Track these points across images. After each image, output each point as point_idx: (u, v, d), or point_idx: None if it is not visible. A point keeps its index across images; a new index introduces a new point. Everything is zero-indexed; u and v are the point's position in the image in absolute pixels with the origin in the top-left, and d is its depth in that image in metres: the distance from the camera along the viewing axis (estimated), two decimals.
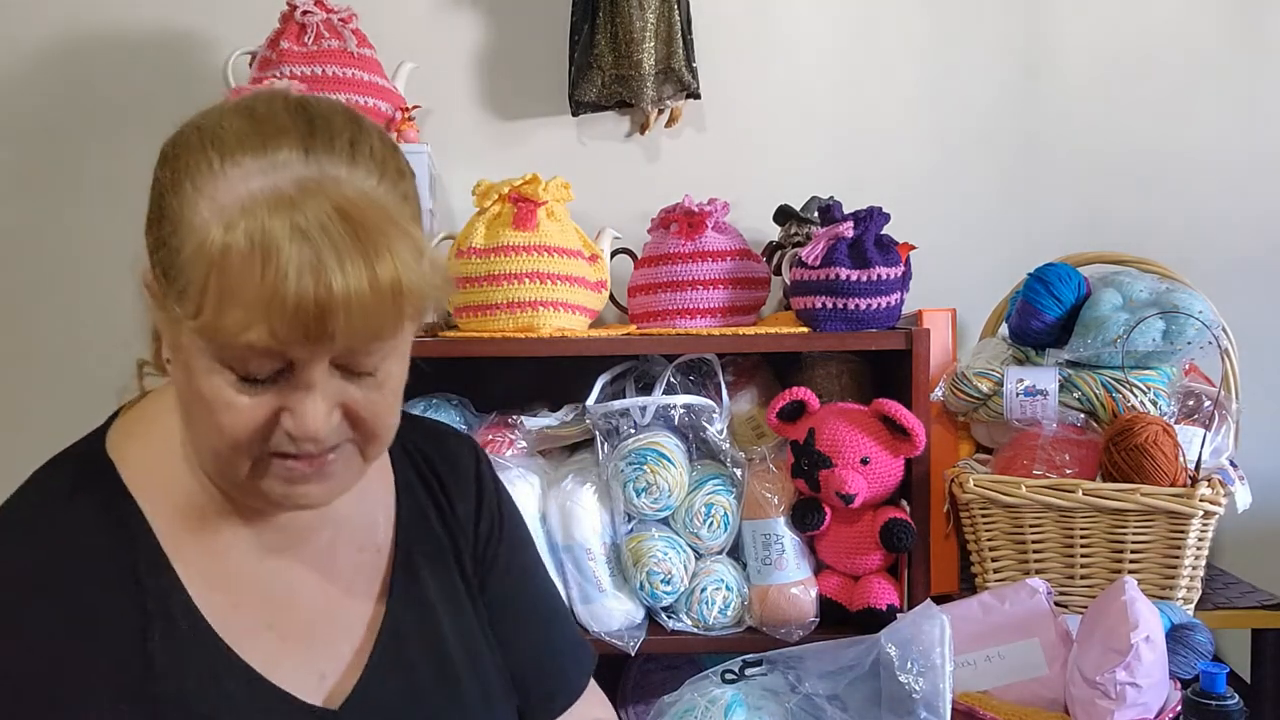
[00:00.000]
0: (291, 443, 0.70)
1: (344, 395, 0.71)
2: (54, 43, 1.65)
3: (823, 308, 1.35)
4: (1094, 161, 1.70)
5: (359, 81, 1.41)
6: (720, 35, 1.66)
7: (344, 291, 0.65)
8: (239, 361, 0.67)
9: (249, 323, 0.65)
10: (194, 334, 0.67)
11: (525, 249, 1.34)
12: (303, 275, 0.64)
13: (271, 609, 0.79)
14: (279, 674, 0.78)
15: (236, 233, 0.64)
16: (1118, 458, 1.24)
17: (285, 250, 0.64)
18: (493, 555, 0.94)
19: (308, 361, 0.68)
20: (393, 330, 0.70)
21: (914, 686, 1.09)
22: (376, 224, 0.67)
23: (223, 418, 0.69)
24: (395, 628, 0.84)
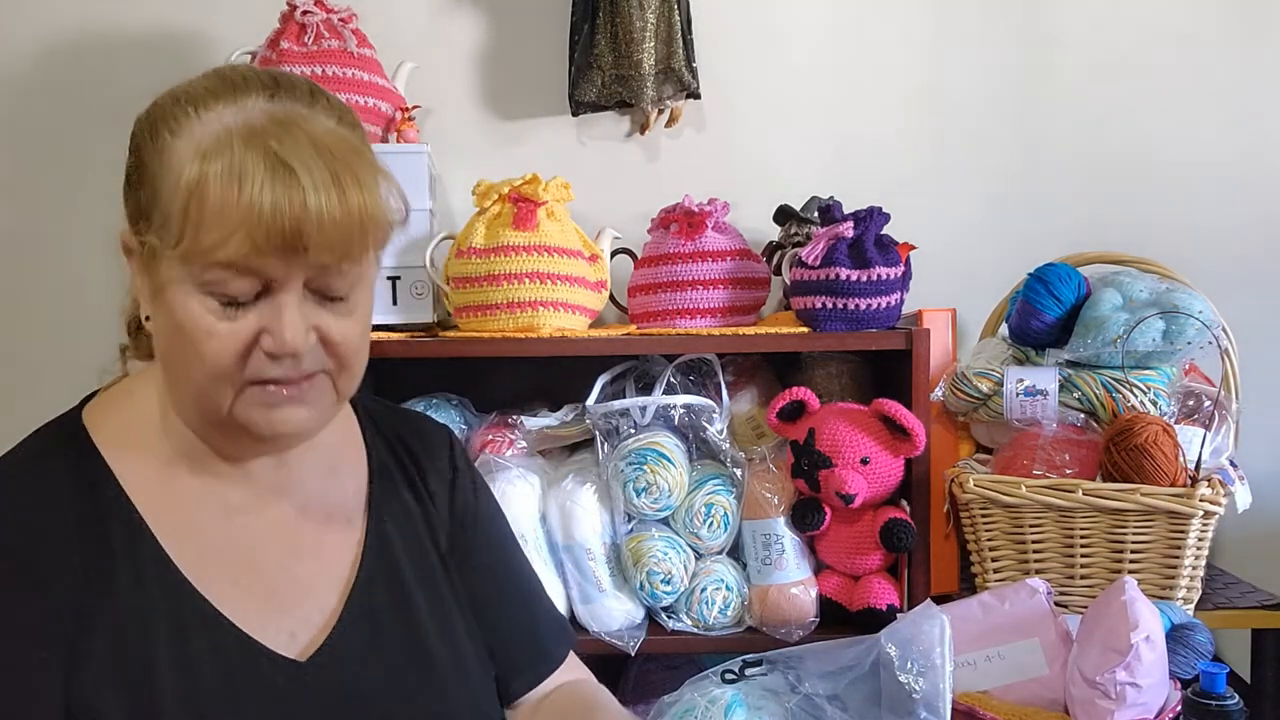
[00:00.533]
0: (271, 365, 0.75)
1: (318, 319, 0.77)
2: (54, 43, 1.65)
3: (823, 308, 1.35)
4: (1094, 162, 1.70)
5: (359, 81, 1.41)
6: (720, 35, 1.66)
7: (316, 206, 0.71)
8: (219, 284, 0.73)
9: (228, 237, 0.70)
10: (177, 263, 0.73)
11: (525, 249, 1.34)
12: (277, 191, 0.70)
13: (237, 566, 0.82)
14: (247, 625, 0.80)
15: (213, 161, 0.71)
16: (1118, 458, 1.24)
17: (261, 170, 0.71)
18: (469, 533, 0.97)
19: (283, 281, 0.74)
20: (360, 251, 0.76)
21: (914, 686, 1.09)
22: (343, 153, 0.75)
23: (205, 346, 0.74)
24: (365, 592, 0.86)
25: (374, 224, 0.77)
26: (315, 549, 0.87)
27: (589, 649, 1.32)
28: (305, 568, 0.86)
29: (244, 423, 0.78)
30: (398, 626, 0.88)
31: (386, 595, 0.88)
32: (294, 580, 0.85)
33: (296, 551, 0.86)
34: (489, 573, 0.98)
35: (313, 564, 0.86)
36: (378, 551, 0.89)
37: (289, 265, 0.73)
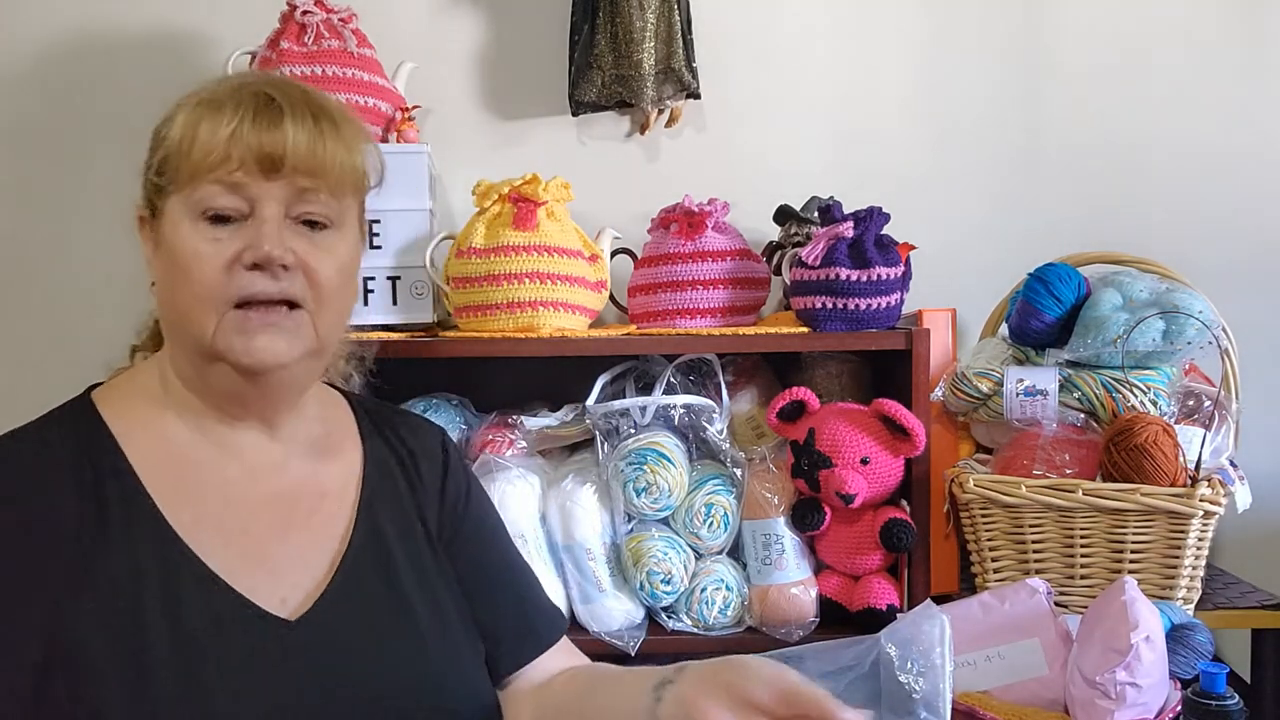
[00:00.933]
0: (251, 279, 0.82)
1: (299, 245, 0.85)
2: (54, 43, 1.65)
3: (823, 308, 1.35)
4: (1094, 161, 1.70)
5: (359, 81, 1.41)
6: (720, 35, 1.66)
7: (294, 132, 0.83)
8: (209, 199, 0.82)
9: (218, 152, 0.81)
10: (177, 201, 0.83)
11: (525, 249, 1.34)
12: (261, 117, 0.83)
13: (231, 533, 0.86)
14: (239, 585, 0.84)
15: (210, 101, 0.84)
16: (1118, 458, 1.24)
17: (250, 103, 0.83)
18: (459, 521, 1.01)
19: (264, 202, 0.83)
20: (336, 184, 0.86)
21: (914, 686, 1.09)
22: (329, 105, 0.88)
23: (194, 265, 0.82)
24: (354, 564, 0.90)
25: (348, 164, 0.87)
26: (306, 522, 0.91)
27: (589, 649, 1.31)
28: (297, 539, 0.89)
29: (224, 351, 0.83)
30: (385, 598, 0.91)
31: (374, 569, 0.91)
32: (285, 549, 0.88)
33: (288, 523, 0.89)
34: (478, 559, 1.02)
35: (304, 535, 0.90)
36: (367, 529, 0.93)
37: (268, 185, 0.83)
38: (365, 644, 0.88)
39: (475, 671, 0.96)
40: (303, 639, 0.84)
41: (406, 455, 1.01)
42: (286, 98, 0.85)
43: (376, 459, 0.98)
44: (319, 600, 0.87)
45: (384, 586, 0.91)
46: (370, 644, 0.88)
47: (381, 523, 0.94)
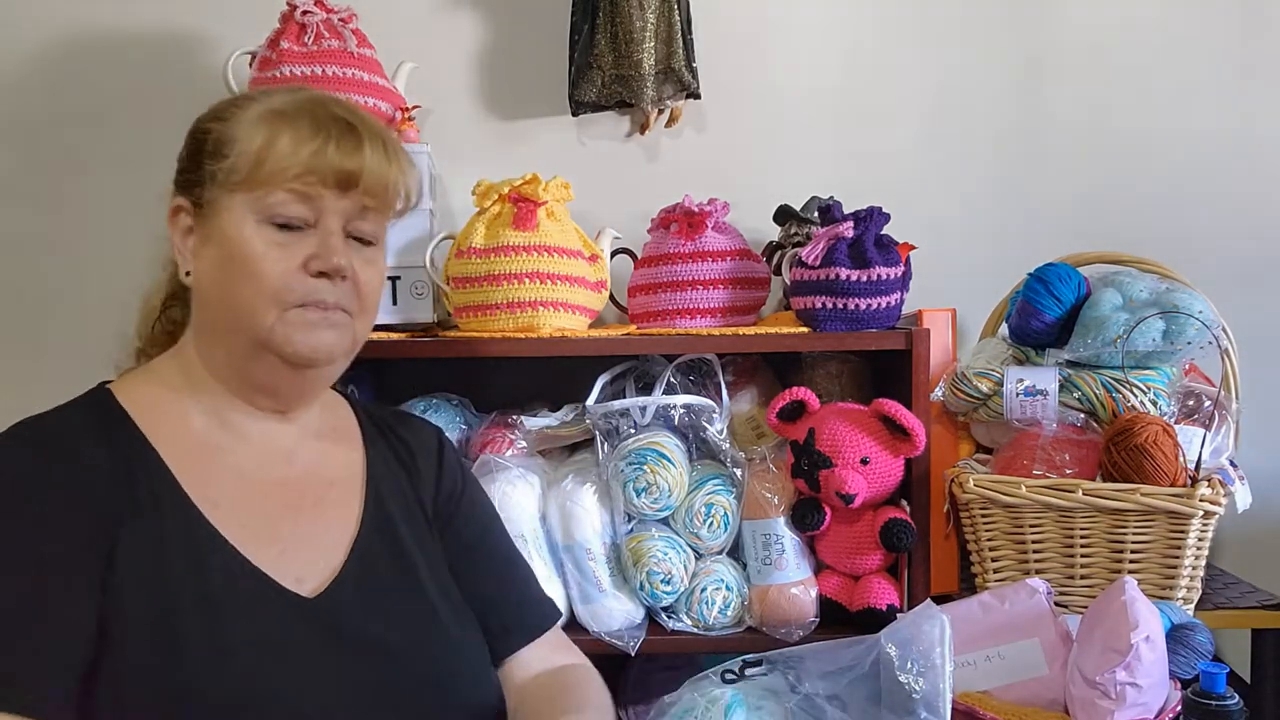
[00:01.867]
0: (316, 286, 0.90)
1: (356, 264, 0.92)
2: (54, 43, 1.65)
3: (823, 308, 1.35)
4: (1094, 161, 1.70)
5: (359, 81, 1.41)
6: (720, 35, 1.66)
7: (371, 155, 0.91)
8: (280, 206, 0.89)
9: (300, 164, 0.88)
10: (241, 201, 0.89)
11: (525, 249, 1.34)
12: (344, 137, 0.90)
13: (248, 514, 0.91)
14: (260, 561, 0.89)
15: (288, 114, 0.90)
16: (1118, 458, 1.24)
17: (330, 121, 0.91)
18: (454, 508, 1.07)
19: (330, 215, 0.91)
20: (390, 204, 0.96)
21: (914, 686, 1.09)
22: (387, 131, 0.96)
23: (263, 265, 0.88)
24: (366, 546, 0.95)
25: (402, 187, 0.96)
26: (316, 507, 0.96)
27: (589, 649, 1.32)
28: (308, 522, 0.94)
29: (281, 342, 0.89)
30: (398, 578, 0.96)
31: (385, 551, 0.97)
32: (297, 531, 0.93)
33: (298, 507, 0.95)
34: (470, 546, 1.07)
35: (314, 519, 0.95)
36: (376, 513, 0.98)
37: (338, 200, 0.91)
38: (381, 627, 0.92)
39: (482, 652, 1.01)
40: (322, 615, 0.89)
41: (403, 449, 1.06)
42: (364, 125, 0.93)
43: (377, 451, 1.04)
44: (336, 579, 0.92)
45: (397, 568, 0.96)
46: (386, 628, 0.92)
47: (389, 508, 1.00)
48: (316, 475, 0.98)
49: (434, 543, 1.03)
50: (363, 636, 0.90)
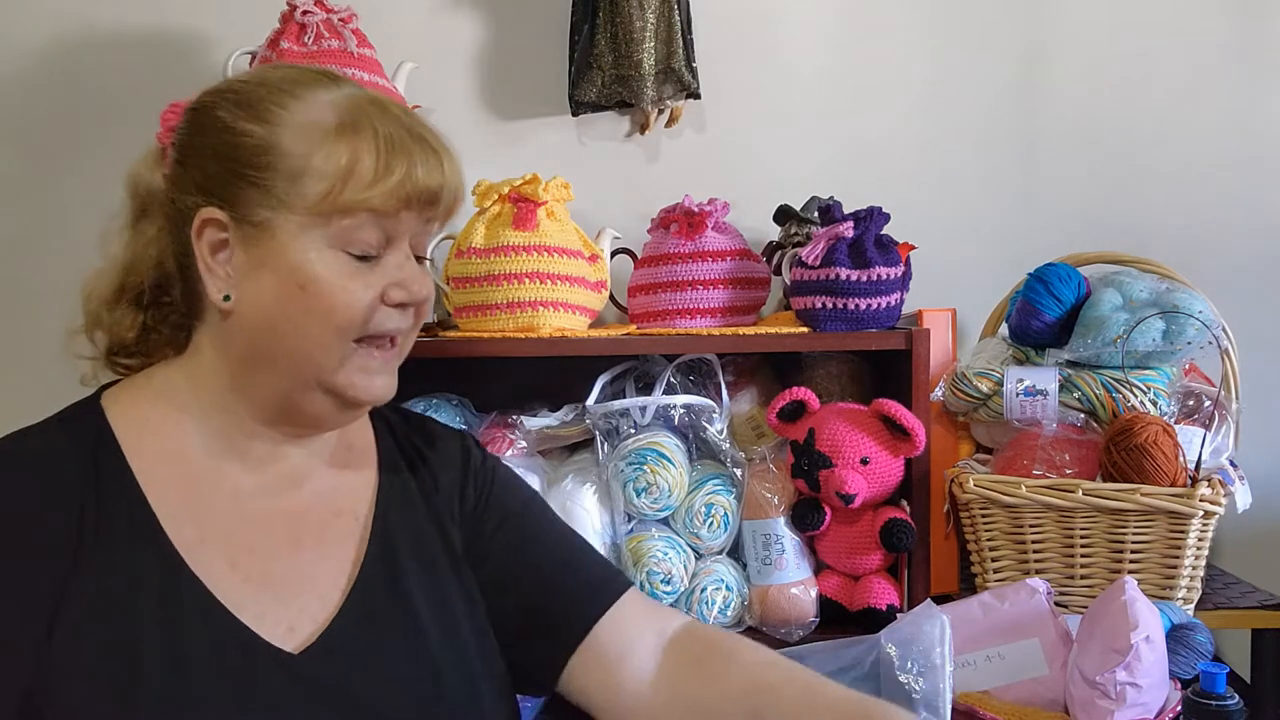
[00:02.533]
0: (392, 317, 0.83)
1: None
2: (54, 43, 1.65)
3: (823, 308, 1.35)
4: (1094, 161, 1.70)
5: (359, 81, 1.40)
6: (720, 35, 1.66)
7: (449, 172, 0.86)
8: (353, 231, 0.80)
9: (384, 187, 0.80)
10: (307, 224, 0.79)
11: (525, 249, 1.34)
12: (429, 158, 0.84)
13: (238, 550, 0.83)
14: (242, 612, 0.80)
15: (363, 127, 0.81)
16: (1118, 458, 1.24)
17: (407, 138, 0.83)
18: (483, 519, 0.97)
19: (400, 238, 0.83)
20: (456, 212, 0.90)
21: (914, 686, 1.09)
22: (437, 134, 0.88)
23: (340, 297, 0.80)
24: (366, 590, 0.86)
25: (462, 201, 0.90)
26: (319, 540, 0.87)
27: None
28: (308, 559, 0.86)
29: (344, 386, 0.83)
30: (397, 626, 0.86)
31: (387, 595, 0.87)
32: (296, 570, 0.84)
33: (301, 541, 0.86)
34: (513, 544, 0.96)
35: (316, 556, 0.86)
36: (382, 549, 0.89)
37: (414, 222, 0.84)
38: (372, 683, 0.83)
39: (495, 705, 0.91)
40: (306, 673, 0.80)
41: (424, 468, 0.97)
42: (434, 137, 0.87)
43: (393, 471, 0.95)
44: (325, 631, 0.83)
45: (396, 615, 0.87)
46: (378, 683, 0.83)
47: (396, 541, 0.90)
48: (324, 504, 0.89)
49: (454, 575, 0.92)
50: (350, 692, 0.81)
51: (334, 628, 0.83)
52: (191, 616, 0.78)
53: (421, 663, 0.86)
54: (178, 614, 0.78)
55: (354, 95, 0.84)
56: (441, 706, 0.85)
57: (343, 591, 0.85)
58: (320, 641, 0.82)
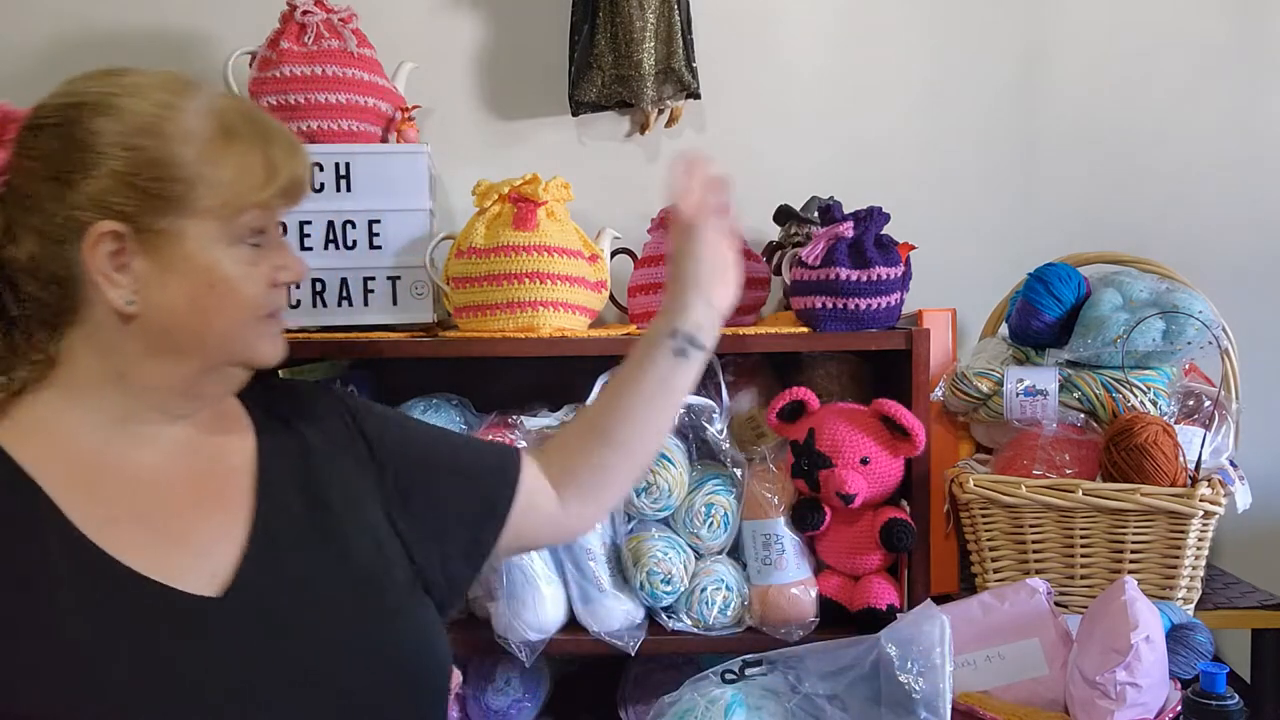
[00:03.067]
0: (281, 295, 0.93)
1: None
2: (53, 43, 1.65)
3: (823, 308, 1.35)
4: (1094, 161, 1.70)
5: (359, 81, 1.41)
6: (720, 35, 1.66)
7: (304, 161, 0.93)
8: (251, 224, 0.88)
9: (270, 180, 0.88)
10: (209, 226, 0.86)
11: (525, 249, 1.34)
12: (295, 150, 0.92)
13: (151, 519, 0.87)
14: (162, 573, 0.84)
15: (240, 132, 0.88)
16: (1118, 458, 1.24)
17: (276, 134, 0.91)
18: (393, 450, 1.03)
19: (273, 224, 0.93)
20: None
21: (914, 686, 1.09)
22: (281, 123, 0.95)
23: (244, 288, 0.89)
24: (267, 528, 0.92)
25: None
26: (220, 497, 0.93)
27: (589, 649, 1.32)
28: (214, 515, 0.91)
29: (254, 355, 0.92)
30: (300, 553, 0.92)
31: (289, 529, 0.93)
32: (209, 527, 0.90)
33: (203, 502, 0.91)
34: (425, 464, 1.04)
35: (220, 511, 0.91)
36: (274, 491, 0.95)
37: (284, 208, 0.93)
38: (296, 611, 0.89)
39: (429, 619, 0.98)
40: (231, 614, 0.85)
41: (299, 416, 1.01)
42: (284, 127, 0.94)
43: (266, 424, 1.00)
44: (240, 570, 0.88)
45: (298, 554, 0.92)
46: (301, 611, 0.89)
47: (285, 483, 0.96)
48: (216, 465, 0.94)
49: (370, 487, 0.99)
50: (275, 626, 0.87)
51: (246, 566, 0.88)
52: (107, 588, 0.82)
53: (335, 587, 0.92)
54: (92, 588, 0.81)
55: (214, 99, 0.90)
56: (354, 612, 0.91)
57: (246, 537, 0.91)
58: (238, 579, 0.87)
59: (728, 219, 1.11)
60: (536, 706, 1.44)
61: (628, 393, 1.09)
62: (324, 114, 1.39)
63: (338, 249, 1.38)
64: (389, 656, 0.91)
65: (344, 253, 1.38)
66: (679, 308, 1.08)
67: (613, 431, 1.08)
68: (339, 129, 1.39)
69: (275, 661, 0.85)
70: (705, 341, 1.09)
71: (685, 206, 1.11)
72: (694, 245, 1.09)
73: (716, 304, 1.09)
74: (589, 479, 1.09)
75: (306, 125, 1.38)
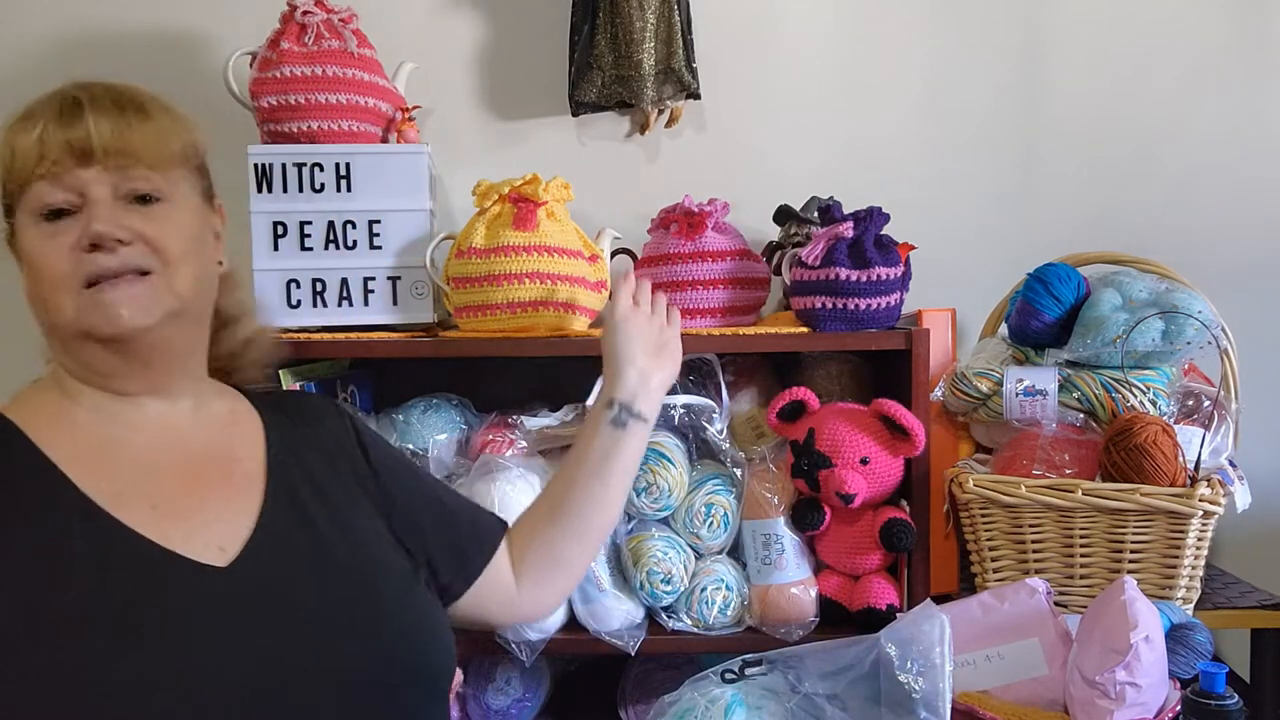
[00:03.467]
0: (93, 259, 0.88)
1: (133, 220, 0.91)
2: (54, 43, 1.65)
3: (823, 308, 1.35)
4: (1094, 161, 1.70)
5: (359, 81, 1.41)
6: (720, 35, 1.66)
7: (96, 121, 0.90)
8: (42, 197, 0.89)
9: (37, 155, 0.89)
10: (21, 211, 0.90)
11: (525, 249, 1.34)
12: (65, 114, 0.91)
13: (155, 495, 0.91)
14: (170, 542, 0.88)
15: (19, 117, 0.92)
16: (1117, 458, 1.24)
17: (54, 104, 0.91)
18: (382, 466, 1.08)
19: (91, 190, 0.90)
20: (152, 159, 0.92)
21: (914, 686, 1.09)
22: (131, 93, 0.95)
23: (43, 261, 0.89)
24: (274, 508, 0.95)
25: (156, 140, 0.93)
26: (226, 483, 0.96)
27: (589, 649, 1.32)
28: (220, 495, 0.94)
29: (88, 328, 0.89)
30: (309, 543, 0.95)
31: (293, 518, 0.96)
32: (211, 505, 0.93)
33: (209, 485, 0.95)
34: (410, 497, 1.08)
35: (225, 493, 0.95)
36: (280, 479, 0.98)
37: (89, 172, 0.90)
38: (299, 584, 0.92)
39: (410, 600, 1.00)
40: (238, 583, 0.88)
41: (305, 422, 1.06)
42: (89, 95, 0.92)
43: (277, 424, 1.04)
44: (248, 544, 0.91)
45: (307, 533, 0.96)
46: (304, 583, 0.92)
47: (291, 471, 1.00)
48: (222, 454, 0.98)
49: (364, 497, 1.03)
50: (279, 595, 0.90)
51: (254, 541, 0.92)
52: (122, 554, 0.86)
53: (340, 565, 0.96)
54: (106, 553, 0.85)
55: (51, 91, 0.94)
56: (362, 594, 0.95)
57: (255, 515, 0.94)
58: (245, 552, 0.91)
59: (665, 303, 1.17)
60: (536, 706, 1.44)
61: (574, 469, 1.14)
62: (324, 114, 1.38)
63: (338, 249, 1.38)
64: (389, 635, 0.94)
65: (344, 253, 1.38)
66: (611, 378, 1.16)
67: (562, 509, 1.13)
68: (339, 129, 1.39)
69: (278, 631, 0.87)
70: (642, 410, 1.14)
71: (619, 304, 1.18)
72: (626, 325, 1.17)
73: (651, 375, 1.15)
74: (539, 560, 1.13)
75: (307, 125, 1.38)
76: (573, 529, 1.13)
